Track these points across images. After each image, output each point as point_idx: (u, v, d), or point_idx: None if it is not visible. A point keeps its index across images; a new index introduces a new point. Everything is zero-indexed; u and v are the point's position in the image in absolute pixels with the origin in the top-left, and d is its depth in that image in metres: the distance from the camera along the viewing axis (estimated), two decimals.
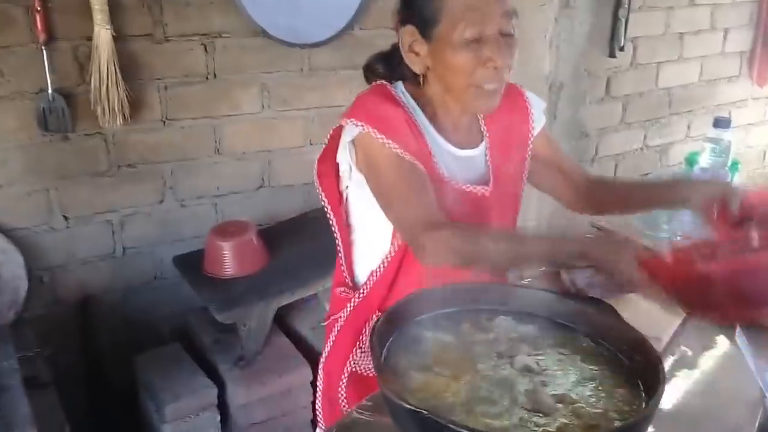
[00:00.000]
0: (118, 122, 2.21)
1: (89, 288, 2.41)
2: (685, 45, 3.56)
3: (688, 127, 3.79)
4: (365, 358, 1.40)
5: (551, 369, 0.99)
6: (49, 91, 2.12)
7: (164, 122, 2.37)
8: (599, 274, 1.09)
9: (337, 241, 1.44)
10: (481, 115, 1.41)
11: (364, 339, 1.38)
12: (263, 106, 2.53)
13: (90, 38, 2.15)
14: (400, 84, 1.37)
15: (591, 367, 1.00)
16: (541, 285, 1.15)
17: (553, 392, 0.93)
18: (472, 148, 1.39)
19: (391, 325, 1.00)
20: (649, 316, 1.20)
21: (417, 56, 1.30)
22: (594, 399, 0.93)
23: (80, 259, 2.37)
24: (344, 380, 1.41)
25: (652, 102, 3.57)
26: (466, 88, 1.27)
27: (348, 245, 1.43)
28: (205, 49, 2.37)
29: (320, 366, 1.49)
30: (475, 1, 1.22)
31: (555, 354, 1.03)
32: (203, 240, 2.51)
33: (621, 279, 1.06)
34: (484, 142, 1.41)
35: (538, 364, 0.99)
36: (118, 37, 2.17)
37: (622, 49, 3.22)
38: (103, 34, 2.13)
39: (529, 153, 1.46)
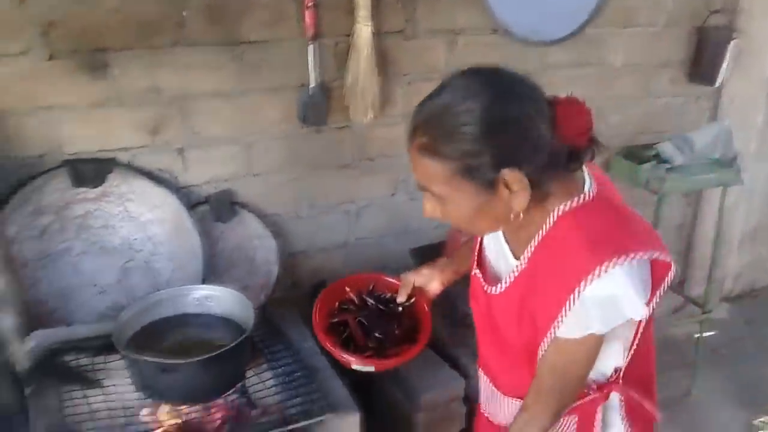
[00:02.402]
0: (369, 117, 2.28)
1: (322, 274, 2.50)
2: None
3: None
4: None
5: None
6: (311, 85, 2.21)
7: (403, 117, 2.42)
8: None
9: None
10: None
11: None
12: None
13: (348, 35, 2.22)
14: None
15: None
16: None
17: None
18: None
19: None
20: None
21: None
22: None
23: (319, 247, 2.46)
24: None
25: None
26: None
27: None
28: (448, 45, 2.41)
29: None
30: None
31: None
32: (427, 233, 2.57)
33: None
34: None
35: None
36: (374, 34, 2.23)
37: None
38: (363, 30, 2.19)
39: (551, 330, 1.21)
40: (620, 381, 1.32)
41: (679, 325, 3.20)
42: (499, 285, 1.28)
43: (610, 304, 1.12)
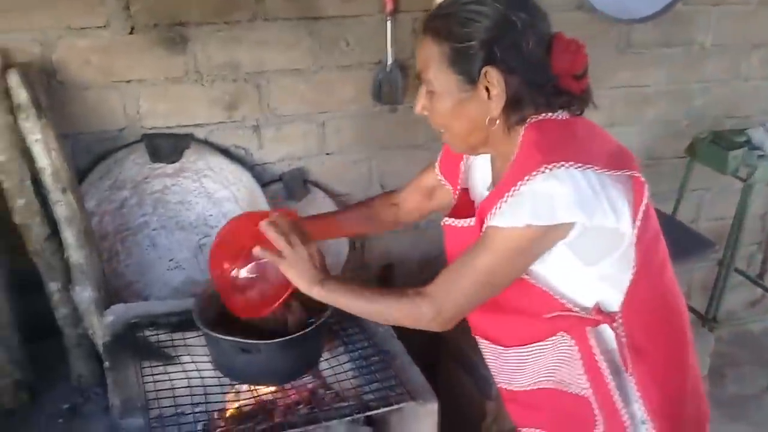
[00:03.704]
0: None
1: (391, 256, 2.48)
2: None
3: None
4: None
5: None
6: (388, 62, 2.16)
7: None
8: None
9: None
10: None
11: None
12: None
13: (426, 10, 2.15)
14: None
15: None
16: None
17: None
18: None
19: None
20: None
21: None
22: None
23: None
24: None
25: None
26: None
27: None
28: None
29: None
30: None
31: None
32: None
33: None
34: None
35: None
36: None
37: None
38: None
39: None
40: (617, 320, 1.21)
41: (757, 320, 3.07)
42: (468, 220, 1.25)
43: (545, 200, 1.08)
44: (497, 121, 1.17)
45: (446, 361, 2.31)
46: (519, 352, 1.32)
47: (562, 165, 1.07)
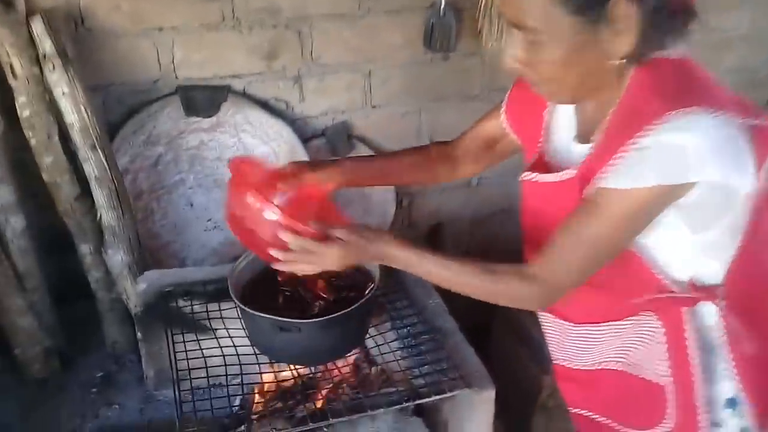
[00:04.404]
0: (503, 41, 2.02)
1: (441, 215, 2.33)
2: None
3: None
4: None
5: None
6: (441, 5, 1.96)
7: None
8: None
9: None
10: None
11: None
12: None
13: None
14: None
15: None
16: None
17: None
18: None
19: None
20: None
21: None
22: None
23: (439, 187, 2.27)
24: None
25: None
26: None
27: None
28: None
29: None
30: None
31: None
32: None
33: None
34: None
35: None
36: None
37: None
38: None
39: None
40: (718, 296, 1.07)
41: None
42: (560, 174, 1.07)
43: (675, 153, 0.91)
44: (618, 63, 0.97)
45: (499, 329, 2.18)
46: (590, 330, 1.19)
47: (692, 111, 0.90)
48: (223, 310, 1.52)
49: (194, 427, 1.28)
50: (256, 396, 1.47)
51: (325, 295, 1.35)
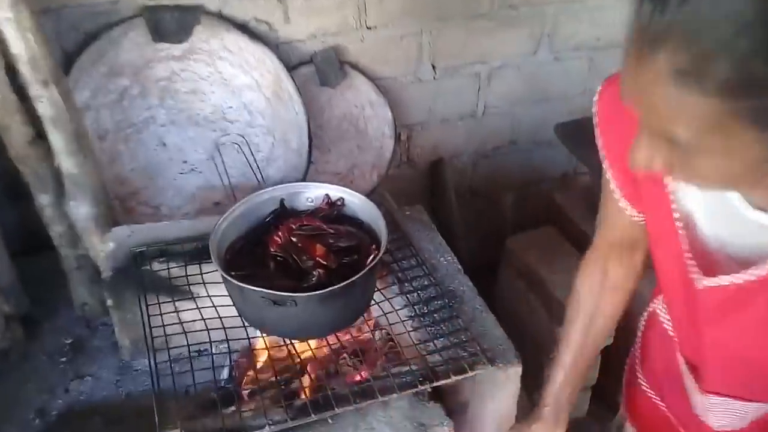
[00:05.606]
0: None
1: (441, 150, 2.12)
2: None
3: None
4: None
5: None
6: None
7: None
8: None
9: None
10: None
11: None
12: None
13: None
14: None
15: None
16: None
17: None
18: None
19: None
20: None
21: None
22: None
23: (440, 117, 2.06)
24: None
25: None
26: None
27: None
28: None
29: None
30: None
31: None
32: (573, 102, 2.13)
33: None
34: None
35: None
36: None
37: None
38: None
39: None
40: None
41: None
42: (741, 273, 0.82)
43: None
44: None
45: (506, 272, 2.01)
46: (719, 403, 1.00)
47: None
48: (205, 273, 1.32)
49: (174, 403, 1.11)
50: (245, 368, 1.30)
51: (325, 263, 1.16)
